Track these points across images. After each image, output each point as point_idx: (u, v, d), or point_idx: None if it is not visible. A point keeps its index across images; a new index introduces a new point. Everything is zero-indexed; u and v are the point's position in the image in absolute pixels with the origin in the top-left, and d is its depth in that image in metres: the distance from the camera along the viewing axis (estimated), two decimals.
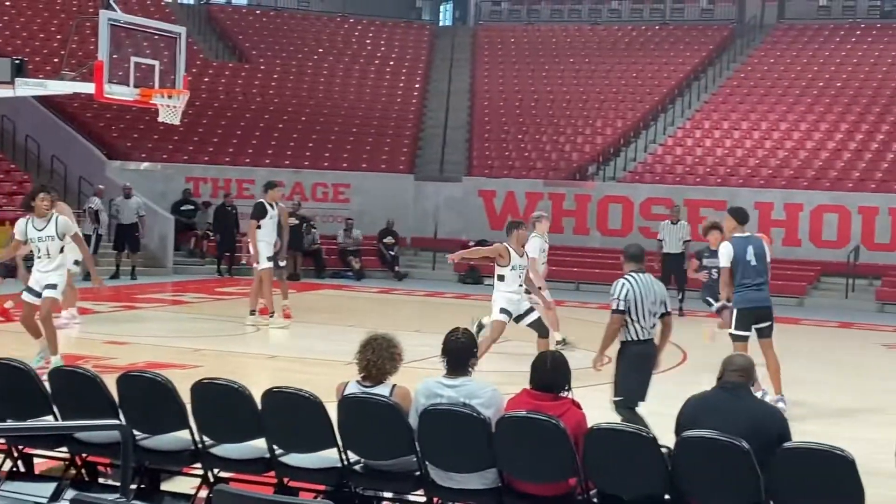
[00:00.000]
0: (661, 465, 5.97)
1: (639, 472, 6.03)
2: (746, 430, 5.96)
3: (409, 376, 6.93)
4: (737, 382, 6.44)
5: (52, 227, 12.06)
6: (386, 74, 34.27)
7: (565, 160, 28.91)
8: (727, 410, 6.25)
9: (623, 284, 8.91)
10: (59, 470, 7.39)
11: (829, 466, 5.75)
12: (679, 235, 20.43)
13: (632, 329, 8.86)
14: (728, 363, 6.55)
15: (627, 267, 9.11)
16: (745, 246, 11.14)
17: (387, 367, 6.68)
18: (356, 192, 28.04)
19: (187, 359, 13.22)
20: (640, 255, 9.21)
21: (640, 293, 8.84)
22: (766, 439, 6.02)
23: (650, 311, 8.87)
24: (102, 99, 16.24)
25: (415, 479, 6.55)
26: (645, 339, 8.92)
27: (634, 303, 8.82)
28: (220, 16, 36.30)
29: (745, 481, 5.78)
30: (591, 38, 35.96)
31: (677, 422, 6.42)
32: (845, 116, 28.70)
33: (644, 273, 9.05)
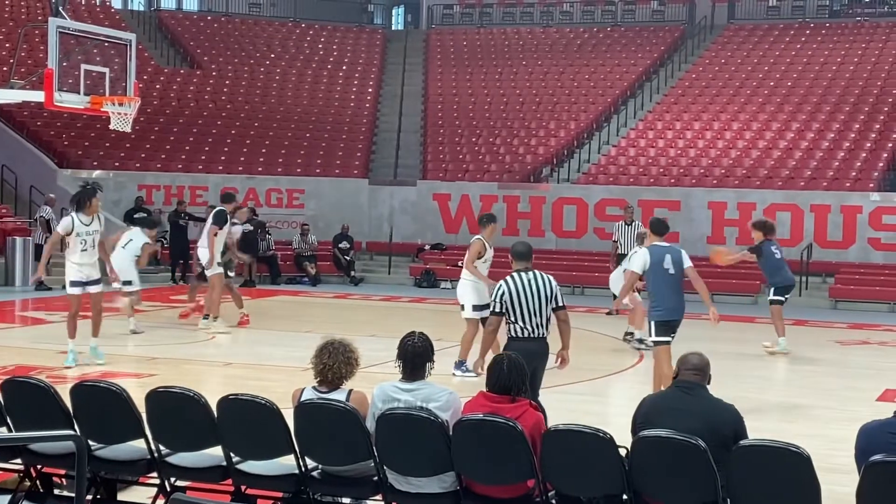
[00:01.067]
0: (618, 465, 5.99)
1: (596, 472, 6.04)
2: (702, 429, 6.00)
3: (365, 381, 6.92)
4: (692, 382, 6.47)
5: (97, 223, 13.34)
6: (339, 79, 34.22)
7: (519, 163, 28.98)
8: (683, 409, 6.28)
9: (500, 286, 9.01)
10: (13, 482, 7.30)
11: (785, 463, 5.79)
12: (633, 236, 20.48)
13: (514, 328, 8.94)
14: (683, 362, 6.58)
15: (514, 266, 9.17)
16: (663, 255, 11.00)
17: (343, 371, 6.66)
18: (310, 198, 27.96)
19: (142, 367, 13.13)
20: (527, 254, 9.27)
21: (519, 293, 8.90)
22: (722, 437, 6.06)
23: (533, 309, 8.89)
24: (53, 107, 16.11)
25: (373, 485, 6.54)
26: (528, 336, 8.92)
27: (511, 303, 8.88)
28: (171, 22, 36.08)
29: (701, 480, 5.81)
30: (544, 40, 36.10)
31: (633, 421, 6.44)
32: (797, 115, 28.99)
33: (530, 271, 9.08)
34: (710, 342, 11.37)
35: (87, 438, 6.58)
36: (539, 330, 8.95)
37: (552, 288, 9.03)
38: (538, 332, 8.94)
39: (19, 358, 13.50)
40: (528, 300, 8.89)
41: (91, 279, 13.34)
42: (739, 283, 23.79)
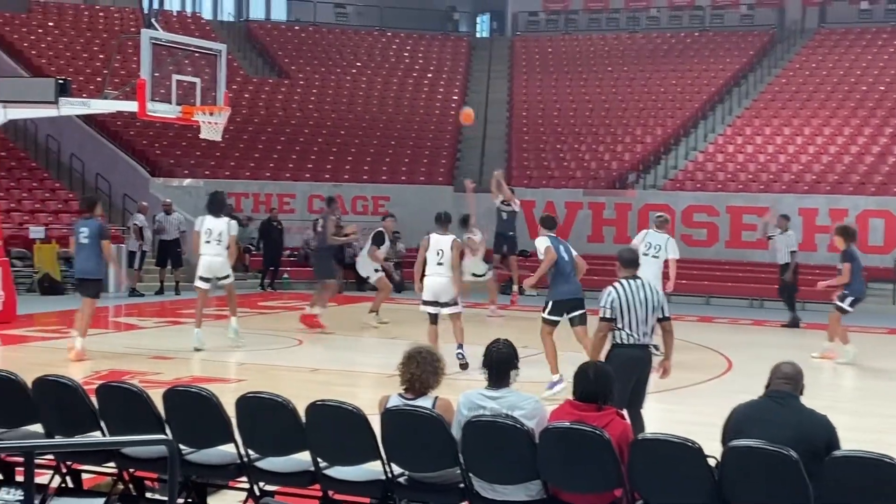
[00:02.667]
0: (707, 476, 5.92)
1: (685, 482, 5.98)
2: (794, 439, 5.90)
3: (450, 388, 6.93)
4: (784, 391, 6.38)
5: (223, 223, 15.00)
6: (424, 87, 34.37)
7: (605, 169, 28.83)
8: (774, 419, 6.19)
9: (609, 292, 8.92)
10: (106, 485, 7.45)
11: (878, 475, 5.67)
12: (787, 244, 19.94)
13: (619, 335, 8.84)
14: (776, 371, 6.48)
15: (620, 273, 9.09)
16: (557, 244, 12.38)
17: (430, 381, 6.69)
18: (395, 205, 28.04)
19: (232, 373, 13.31)
20: (634, 261, 9.22)
21: (628, 300, 8.82)
22: (814, 448, 5.95)
23: (641, 317, 8.82)
24: (145, 117, 16.42)
25: (459, 492, 6.54)
26: (632, 344, 8.82)
27: (620, 310, 8.80)
28: (260, 32, 36.54)
29: (793, 491, 5.72)
30: (630, 46, 35.87)
31: (724, 431, 6.37)
32: (889, 120, 28.42)
33: (637, 279, 9.00)
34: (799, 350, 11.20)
35: (179, 443, 6.69)
36: (645, 338, 8.88)
37: (659, 297, 8.99)
38: (644, 339, 8.88)
39: (113, 363, 13.77)
40: (637, 308, 8.82)
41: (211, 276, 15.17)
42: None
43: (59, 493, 7.26)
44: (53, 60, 30.12)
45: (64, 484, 7.35)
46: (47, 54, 30.67)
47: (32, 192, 26.21)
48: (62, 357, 14.02)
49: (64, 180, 27.21)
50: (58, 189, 26.81)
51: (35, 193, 26.20)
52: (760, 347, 16.41)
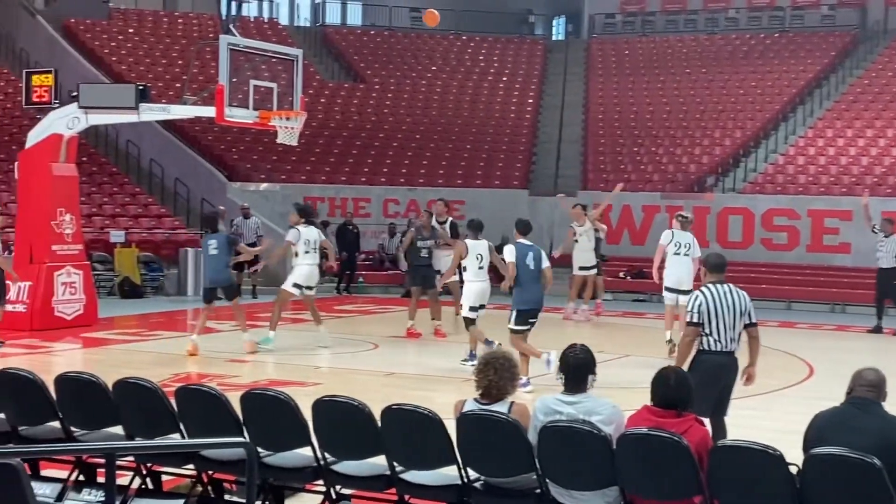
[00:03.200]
0: (788, 483, 5.82)
1: (765, 490, 5.88)
2: (877, 447, 5.78)
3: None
4: (867, 398, 6.25)
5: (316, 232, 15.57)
6: (499, 90, 34.34)
7: (683, 172, 28.56)
8: (857, 427, 6.07)
9: (696, 297, 8.73)
10: (185, 487, 7.52)
11: None
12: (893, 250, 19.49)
13: (706, 340, 8.63)
14: (858, 378, 6.36)
15: (707, 278, 8.89)
16: (526, 252, 12.60)
17: (507, 387, 6.67)
18: (471, 209, 28.01)
19: (308, 376, 13.39)
20: (722, 266, 9.00)
21: (716, 305, 8.62)
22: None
23: (728, 323, 8.62)
24: (223, 122, 16.60)
25: (535, 497, 6.50)
26: (719, 350, 8.61)
27: (708, 315, 8.58)
28: (336, 37, 36.79)
29: (876, 500, 5.59)
30: (708, 48, 35.50)
31: (805, 438, 6.25)
32: None
33: (725, 284, 8.80)
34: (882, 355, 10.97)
35: (256, 445, 6.73)
36: (731, 344, 8.68)
37: (747, 303, 8.78)
38: (730, 346, 8.68)
39: (191, 366, 13.93)
40: (725, 313, 8.63)
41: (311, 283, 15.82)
42: None
43: (139, 495, 7.34)
44: (133, 67, 30.62)
45: (144, 485, 7.43)
46: (128, 61, 31.18)
47: (113, 197, 26.64)
48: (141, 359, 14.23)
49: (143, 185, 27.63)
50: (138, 194, 27.23)
51: (116, 198, 26.62)
52: (842, 353, 16.15)
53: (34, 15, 31.89)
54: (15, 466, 4.41)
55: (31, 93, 18.24)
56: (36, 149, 17.70)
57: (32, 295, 17.20)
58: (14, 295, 17.23)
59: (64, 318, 17.39)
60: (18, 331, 16.62)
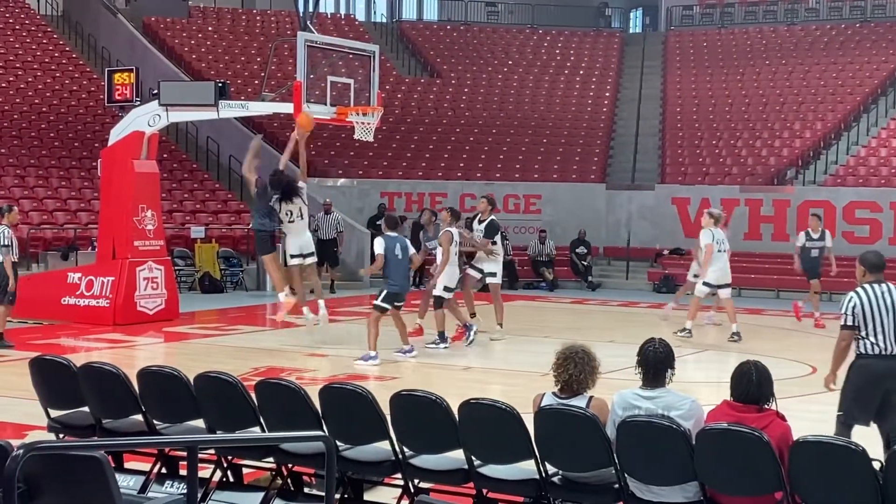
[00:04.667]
0: (872, 480, 5.72)
1: (848, 486, 5.79)
2: None
3: (604, 387, 6.87)
4: None
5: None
6: (576, 84, 34.19)
7: (762, 165, 28.20)
8: None
9: (850, 298, 8.24)
10: (265, 480, 7.60)
11: None
12: None
13: (863, 344, 8.18)
14: None
15: (865, 278, 8.35)
16: (394, 244, 13.87)
17: (587, 381, 6.64)
18: (548, 203, 28.01)
19: (385, 370, 13.45)
20: (880, 265, 8.42)
21: (872, 306, 8.13)
22: None
23: (888, 325, 8.11)
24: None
25: (614, 492, 6.47)
26: (878, 354, 8.14)
27: (864, 317, 8.11)
28: (412, 32, 36.89)
29: None
30: (788, 39, 35.00)
31: (886, 436, 6.15)
32: None
33: (883, 283, 8.25)
34: None
35: (335, 439, 6.78)
36: (893, 347, 8.16)
37: None
38: (892, 349, 8.16)
39: (270, 360, 14.07)
40: (883, 314, 8.14)
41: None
42: None
43: (220, 487, 7.44)
44: (212, 64, 30.99)
45: (225, 478, 7.53)
46: (207, 58, 31.57)
47: (193, 193, 26.99)
48: (222, 353, 14.41)
49: (223, 181, 27.96)
50: (217, 190, 27.56)
51: (196, 194, 26.97)
52: None
53: (115, 14, 32.42)
54: (99, 459, 4.49)
55: (112, 91, 18.55)
56: (118, 146, 18.00)
57: (115, 290, 17.50)
58: (98, 290, 17.56)
59: (146, 313, 17.67)
60: (101, 325, 16.94)
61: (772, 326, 19.37)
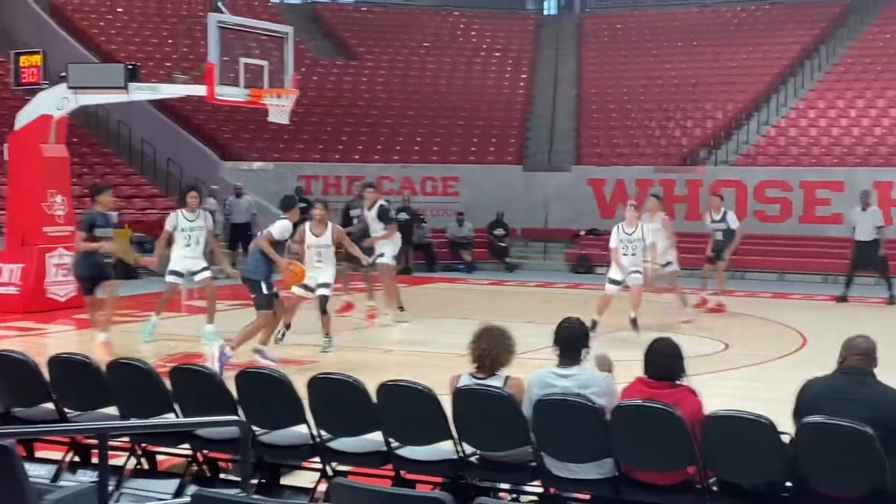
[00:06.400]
0: (781, 452, 5.85)
1: (759, 459, 5.92)
2: (870, 416, 5.81)
3: (521, 368, 6.90)
4: (859, 367, 6.25)
5: (201, 219, 14.33)
6: (492, 66, 34.25)
7: (675, 146, 28.55)
8: (850, 396, 6.07)
9: None
10: (181, 467, 7.53)
11: None
12: (872, 222, 19.62)
13: None
14: (849, 347, 6.35)
15: None
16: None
17: (501, 358, 6.66)
18: (465, 185, 28.07)
19: (303, 354, 13.39)
20: None
21: None
22: (890, 424, 5.84)
23: None
24: (214, 101, 16.54)
25: (531, 470, 6.53)
26: None
27: None
28: (327, 14, 36.64)
29: (869, 467, 5.64)
30: (700, 21, 35.41)
31: (796, 406, 6.25)
32: None
33: None
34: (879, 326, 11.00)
35: (252, 424, 6.74)
36: None
37: None
38: None
39: (186, 346, 13.92)
40: None
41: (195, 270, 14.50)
42: None
43: (134, 475, 7.36)
44: (123, 46, 30.46)
45: (139, 466, 7.45)
46: (117, 40, 31.03)
47: (105, 178, 26.49)
48: (136, 340, 14.22)
49: (135, 165, 27.56)
50: (130, 174, 27.15)
51: (108, 179, 26.44)
52: (835, 323, 16.18)
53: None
54: (8, 448, 4.42)
55: (19, 74, 18.16)
56: (25, 130, 17.63)
57: (24, 277, 17.18)
58: (6, 277, 17.22)
59: (57, 300, 17.37)
60: (11, 313, 16.62)
61: None
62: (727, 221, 18.43)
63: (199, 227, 14.35)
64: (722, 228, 18.37)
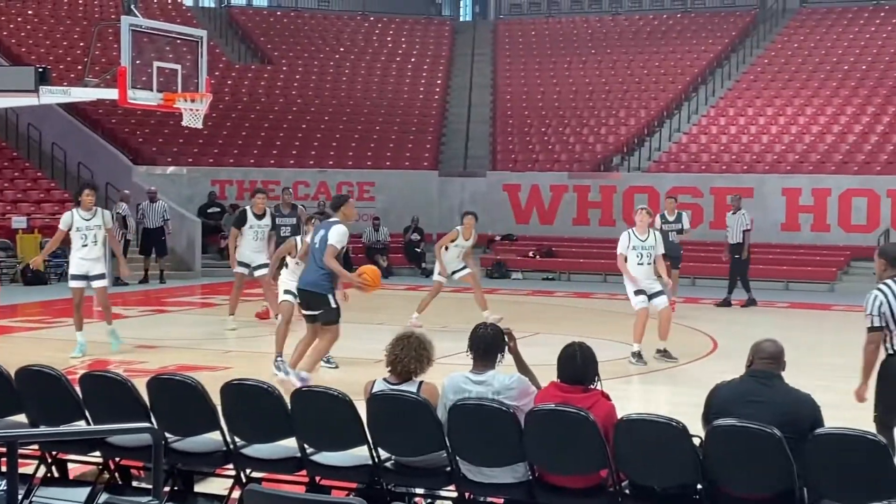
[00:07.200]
0: (692, 455, 5.94)
1: (670, 461, 6.00)
2: (778, 418, 5.93)
3: (436, 372, 6.93)
4: (767, 371, 6.38)
5: (98, 218, 13.76)
6: (407, 71, 34.29)
7: (589, 152, 28.84)
8: (758, 400, 6.19)
9: (875, 297, 7.81)
10: (92, 474, 7.43)
11: (861, 452, 5.71)
12: (739, 225, 20.03)
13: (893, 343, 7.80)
14: (757, 350, 6.47)
15: (886, 272, 7.93)
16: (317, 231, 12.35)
17: (412, 366, 6.69)
18: (381, 190, 28.07)
19: (217, 360, 13.28)
20: None
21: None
22: (798, 426, 5.96)
23: None
24: (126, 104, 16.26)
25: (446, 475, 6.55)
26: None
27: (892, 315, 7.73)
28: (242, 18, 36.40)
29: (777, 468, 5.75)
30: (613, 29, 35.85)
31: (706, 410, 6.37)
32: (871, 99, 28.49)
33: None
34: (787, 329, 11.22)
35: (164, 431, 6.67)
36: None
37: None
38: None
39: (97, 352, 13.72)
40: None
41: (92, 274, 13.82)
42: (816, 271, 23.49)
43: (44, 483, 7.24)
44: (33, 48, 29.95)
45: (49, 474, 7.33)
46: (27, 42, 30.50)
47: (14, 182, 26.09)
48: (46, 347, 13.98)
49: (45, 169, 27.08)
50: (40, 178, 26.69)
51: (17, 183, 26.08)
52: (746, 327, 16.47)
53: None
54: None
55: None
56: None
57: None
58: None
59: None
60: None
61: (599, 309, 19.85)
62: (682, 222, 18.80)
63: (97, 226, 13.78)
64: (676, 229, 18.68)
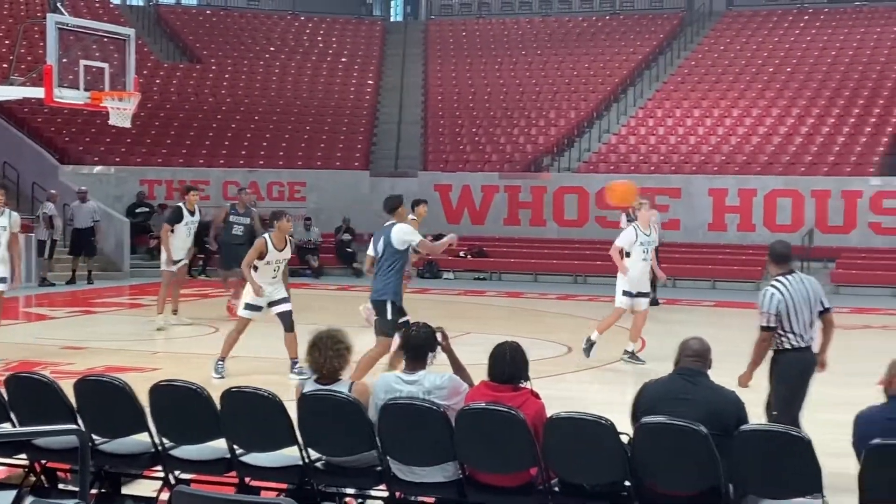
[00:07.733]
0: (620, 452, 6.01)
1: (599, 459, 6.07)
2: (705, 416, 6.02)
3: (368, 373, 6.94)
4: (693, 368, 6.48)
5: (5, 219, 13.02)
6: (338, 71, 34.20)
7: (520, 152, 28.98)
8: (685, 397, 6.29)
9: (772, 295, 7.89)
10: (18, 477, 7.34)
11: (786, 447, 5.82)
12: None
13: (786, 339, 7.95)
14: (684, 349, 6.57)
15: (774, 270, 8.08)
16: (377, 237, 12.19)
17: (335, 364, 6.68)
18: (312, 190, 27.97)
19: (145, 362, 13.16)
20: (788, 255, 8.15)
21: (793, 299, 7.90)
22: (724, 424, 6.06)
23: (806, 317, 7.94)
24: (53, 103, 16.13)
25: (376, 475, 6.56)
26: (801, 346, 7.96)
27: (787, 312, 7.86)
28: (170, 16, 36.05)
29: (704, 465, 5.84)
30: (543, 30, 36.07)
31: (634, 408, 6.45)
32: (796, 101, 28.97)
33: (794, 274, 8.04)
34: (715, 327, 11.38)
35: (91, 433, 6.61)
36: (809, 339, 8.00)
37: (817, 289, 8.10)
38: (809, 340, 8.00)
39: (23, 354, 13.54)
40: (802, 306, 7.92)
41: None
42: (742, 270, 23.83)
43: None
44: None
45: None
46: None
47: None
48: None
49: None
50: None
51: None
52: (674, 325, 16.66)
53: None
54: None
55: None
56: None
57: None
58: None
59: None
60: None
61: (530, 309, 19.97)
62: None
63: (1, 227, 13.02)
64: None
